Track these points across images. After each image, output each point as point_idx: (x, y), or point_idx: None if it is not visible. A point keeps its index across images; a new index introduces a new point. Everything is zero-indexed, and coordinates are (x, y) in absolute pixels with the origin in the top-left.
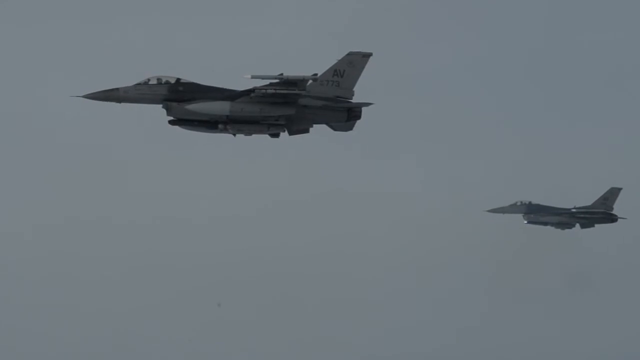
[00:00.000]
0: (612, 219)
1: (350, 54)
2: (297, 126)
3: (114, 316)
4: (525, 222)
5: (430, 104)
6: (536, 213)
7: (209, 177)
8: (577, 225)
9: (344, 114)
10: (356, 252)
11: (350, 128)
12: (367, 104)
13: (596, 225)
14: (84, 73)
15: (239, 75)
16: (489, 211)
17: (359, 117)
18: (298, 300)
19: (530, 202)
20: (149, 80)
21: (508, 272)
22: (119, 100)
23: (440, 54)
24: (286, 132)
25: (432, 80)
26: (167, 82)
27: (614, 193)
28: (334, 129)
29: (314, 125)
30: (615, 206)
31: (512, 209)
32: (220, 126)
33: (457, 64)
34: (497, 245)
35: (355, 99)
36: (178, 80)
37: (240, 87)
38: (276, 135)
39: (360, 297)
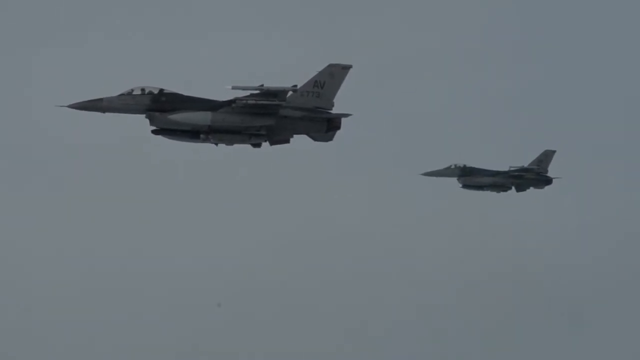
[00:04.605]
0: (547, 180)
1: (330, 65)
2: (278, 136)
3: (113, 316)
4: (460, 185)
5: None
6: (470, 175)
7: (195, 185)
8: (513, 188)
9: (324, 125)
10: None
11: (330, 139)
12: (346, 115)
13: (531, 187)
14: (68, 84)
15: (220, 86)
16: (423, 174)
17: (338, 127)
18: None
19: (464, 165)
20: (132, 90)
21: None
22: (103, 110)
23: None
24: (267, 142)
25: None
26: (150, 93)
27: (548, 155)
28: (315, 139)
29: (295, 136)
30: (549, 168)
31: (446, 172)
32: (202, 136)
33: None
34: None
35: (334, 110)
36: (161, 90)
37: (222, 97)
38: (258, 145)
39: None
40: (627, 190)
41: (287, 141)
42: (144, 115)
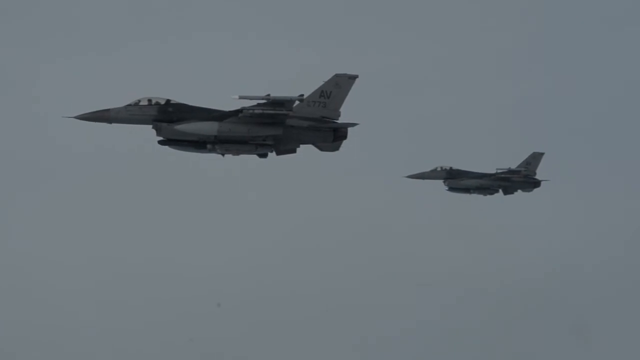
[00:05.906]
0: (535, 183)
1: (337, 75)
2: (285, 146)
3: (114, 316)
4: (446, 188)
5: None
6: (456, 178)
7: (199, 194)
8: (500, 191)
9: (330, 134)
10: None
11: (336, 149)
12: (353, 124)
13: (519, 190)
14: (75, 95)
15: (227, 96)
16: (408, 177)
17: (345, 137)
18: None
19: (451, 168)
20: (139, 101)
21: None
22: (109, 121)
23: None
24: (274, 152)
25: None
26: (157, 103)
27: (536, 158)
28: (321, 149)
29: (301, 146)
30: (538, 171)
31: (432, 174)
32: (208, 146)
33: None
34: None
35: (341, 120)
36: (168, 101)
37: (229, 108)
38: (264, 155)
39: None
40: (617, 192)
41: (294, 151)
42: (150, 126)
